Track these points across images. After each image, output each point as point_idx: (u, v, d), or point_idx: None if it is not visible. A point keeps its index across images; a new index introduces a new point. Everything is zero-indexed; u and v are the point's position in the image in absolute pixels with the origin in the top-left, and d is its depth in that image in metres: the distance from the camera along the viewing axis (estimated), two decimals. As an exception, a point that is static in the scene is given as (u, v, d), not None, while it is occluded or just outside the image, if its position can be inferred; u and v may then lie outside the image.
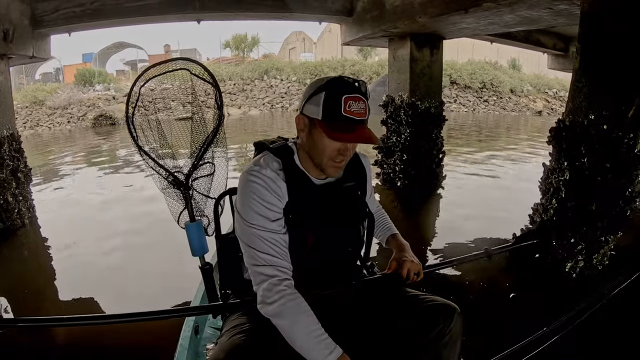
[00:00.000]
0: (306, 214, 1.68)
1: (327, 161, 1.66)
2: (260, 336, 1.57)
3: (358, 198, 1.86)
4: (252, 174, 1.67)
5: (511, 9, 4.42)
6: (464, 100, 28.56)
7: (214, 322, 2.53)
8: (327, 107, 1.58)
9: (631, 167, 3.69)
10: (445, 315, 1.68)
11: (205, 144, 2.47)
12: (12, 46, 5.77)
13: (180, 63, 2.50)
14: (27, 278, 4.73)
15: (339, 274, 1.85)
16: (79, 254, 5.23)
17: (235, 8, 6.63)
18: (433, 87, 7.26)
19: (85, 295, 4.19)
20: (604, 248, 4.01)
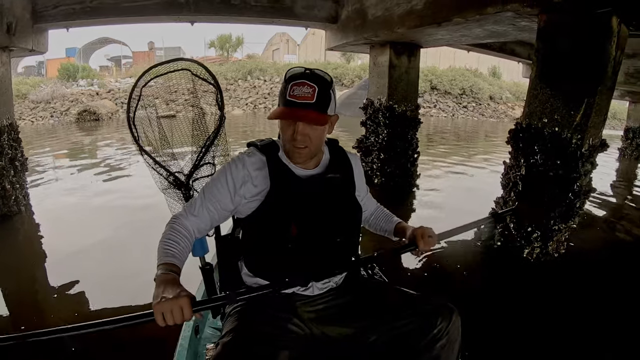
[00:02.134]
0: (288, 203, 1.73)
1: (290, 146, 1.74)
2: (261, 337, 1.60)
3: (341, 188, 1.88)
4: (234, 160, 1.81)
5: (479, 24, 4.85)
6: (444, 106, 28.94)
7: (214, 322, 2.50)
8: (281, 95, 1.71)
9: (579, 163, 4.15)
10: (444, 315, 1.69)
11: (206, 144, 2.50)
12: (14, 39, 5.97)
13: (182, 63, 2.53)
14: (23, 260, 4.94)
15: (330, 264, 1.82)
16: (70, 242, 5.34)
17: (227, 12, 6.95)
18: (410, 91, 7.63)
19: (74, 278, 4.29)
20: (557, 236, 4.48)
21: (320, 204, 1.78)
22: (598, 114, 4.14)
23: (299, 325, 1.77)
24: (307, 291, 1.85)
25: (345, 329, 1.79)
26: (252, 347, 1.54)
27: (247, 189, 1.75)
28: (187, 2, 6.70)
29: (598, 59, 3.94)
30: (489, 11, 4.32)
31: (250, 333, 1.60)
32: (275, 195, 1.73)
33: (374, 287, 1.95)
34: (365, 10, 6.67)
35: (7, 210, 6.07)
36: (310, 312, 1.83)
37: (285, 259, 1.75)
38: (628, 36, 4.28)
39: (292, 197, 1.74)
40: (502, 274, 4.56)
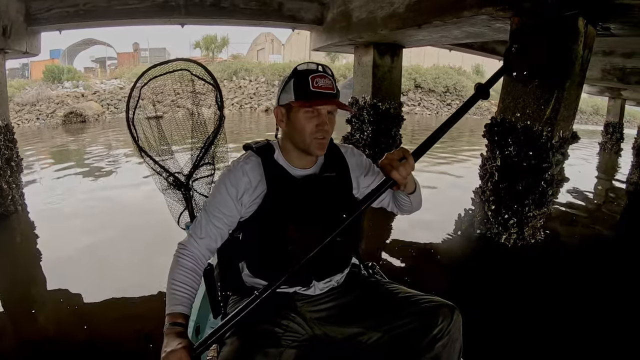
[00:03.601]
0: (285, 205, 1.74)
1: (310, 140, 1.71)
2: (265, 335, 1.61)
3: (338, 187, 1.86)
4: (229, 170, 1.80)
5: (457, 26, 5.15)
6: (428, 104, 29.19)
7: (215, 322, 2.40)
8: (298, 88, 1.67)
9: (549, 154, 4.46)
10: (444, 314, 1.67)
11: (205, 144, 2.50)
12: (9, 42, 6.11)
13: (181, 64, 2.53)
14: (20, 257, 5.07)
15: (330, 264, 1.86)
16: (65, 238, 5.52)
17: (217, 15, 7.19)
18: (393, 90, 7.96)
19: (69, 274, 4.43)
20: (532, 222, 4.78)
21: (318, 204, 1.78)
22: (567, 108, 4.44)
23: (302, 324, 1.77)
24: (309, 291, 1.86)
25: (346, 329, 1.79)
26: (257, 346, 1.54)
27: (248, 196, 1.75)
28: (178, 5, 6.90)
29: (565, 57, 4.24)
30: (465, 14, 4.62)
31: (255, 332, 1.60)
32: (272, 197, 1.74)
33: (374, 286, 1.91)
34: (350, 13, 6.95)
35: (4, 210, 6.18)
36: (313, 311, 1.83)
37: (284, 260, 1.68)
38: (596, 36, 4.58)
39: (289, 198, 1.75)
40: (489, 263, 4.79)
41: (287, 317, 1.74)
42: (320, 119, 1.69)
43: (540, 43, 4.36)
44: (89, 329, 3.32)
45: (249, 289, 1.84)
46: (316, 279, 1.83)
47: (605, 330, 3.49)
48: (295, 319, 1.76)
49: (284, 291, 1.82)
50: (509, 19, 4.54)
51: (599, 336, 3.40)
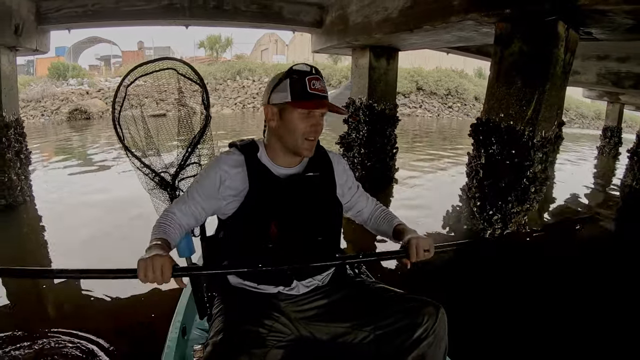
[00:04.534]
0: (267, 203, 1.75)
1: (302, 141, 1.74)
2: (251, 335, 1.60)
3: (321, 187, 1.88)
4: (213, 161, 1.86)
5: (446, 30, 5.37)
6: (429, 106, 29.27)
7: (201, 323, 2.46)
8: (295, 89, 1.69)
9: (531, 153, 4.68)
10: (430, 314, 1.69)
11: (191, 144, 2.48)
12: (21, 40, 6.37)
13: (168, 63, 2.53)
14: (28, 245, 5.36)
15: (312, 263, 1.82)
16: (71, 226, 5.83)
17: (220, 17, 7.43)
18: (388, 91, 8.17)
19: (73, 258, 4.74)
20: (515, 217, 4.98)
21: (300, 203, 1.80)
22: (549, 109, 4.65)
23: (287, 324, 1.77)
24: (293, 290, 1.85)
25: (331, 328, 1.80)
26: (242, 346, 1.54)
27: (226, 188, 1.77)
28: (182, 8, 7.13)
29: (546, 60, 4.45)
30: (452, 20, 4.84)
31: (240, 332, 1.60)
32: (254, 195, 1.75)
33: (359, 285, 1.93)
34: (347, 17, 7.19)
35: (13, 200, 6.44)
36: (297, 311, 1.83)
37: (266, 258, 1.70)
38: (579, 40, 4.80)
39: (271, 197, 1.76)
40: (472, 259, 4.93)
41: (272, 317, 1.74)
42: (314, 120, 1.75)
43: (522, 47, 4.57)
44: (90, 312, 3.43)
45: (234, 289, 1.88)
46: (297, 279, 1.84)
47: (587, 327, 3.56)
48: (280, 319, 1.76)
49: (267, 292, 1.84)
50: (494, 24, 4.75)
51: (581, 333, 3.48)
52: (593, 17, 4.15)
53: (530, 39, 4.51)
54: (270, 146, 1.84)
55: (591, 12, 4.02)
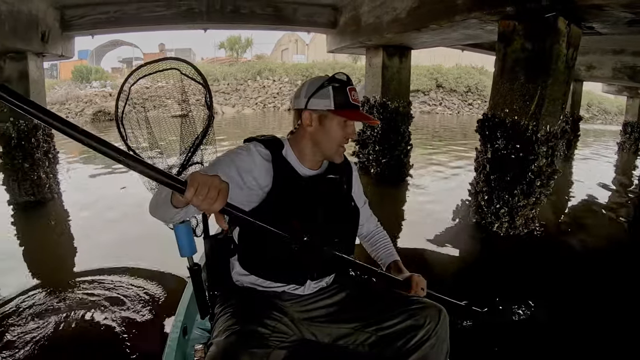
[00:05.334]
0: (291, 200, 1.73)
1: (338, 147, 1.77)
2: (254, 335, 1.59)
3: (341, 190, 1.90)
4: (240, 147, 1.77)
5: (452, 29, 5.53)
6: (449, 104, 29.10)
7: (202, 323, 2.45)
8: (338, 98, 1.71)
9: (535, 147, 4.78)
10: (432, 315, 1.70)
11: (194, 144, 2.45)
12: (47, 46, 6.75)
13: (171, 63, 2.52)
14: (56, 239, 5.67)
15: (326, 264, 1.85)
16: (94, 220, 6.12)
17: (237, 20, 7.70)
18: (401, 89, 8.32)
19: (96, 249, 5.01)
20: (522, 211, 5.06)
21: (321, 204, 1.79)
22: (552, 104, 4.76)
23: (289, 325, 1.77)
24: (298, 290, 1.86)
25: (334, 329, 1.81)
26: (245, 346, 1.52)
27: (250, 178, 1.70)
28: (200, 12, 7.41)
29: (548, 56, 4.56)
30: (457, 19, 4.99)
31: (243, 332, 1.58)
32: (278, 192, 1.72)
33: (362, 287, 1.94)
34: (359, 18, 7.38)
35: (42, 197, 6.86)
36: (301, 312, 1.84)
37: (284, 256, 1.74)
38: (582, 34, 4.88)
39: (295, 195, 1.74)
40: (479, 251, 5.09)
41: (274, 317, 1.73)
42: (351, 129, 1.79)
43: (524, 43, 4.69)
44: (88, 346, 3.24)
45: (236, 288, 1.88)
46: (311, 279, 1.84)
47: (592, 325, 3.43)
48: (283, 320, 1.75)
49: (271, 291, 1.84)
50: (497, 22, 4.88)
51: (585, 331, 3.36)
52: (591, 12, 4.24)
53: (532, 36, 4.62)
54: (299, 147, 1.82)
55: (588, 7, 4.11)
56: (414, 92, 27.65)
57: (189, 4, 7.38)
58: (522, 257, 4.82)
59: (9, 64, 6.54)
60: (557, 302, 3.84)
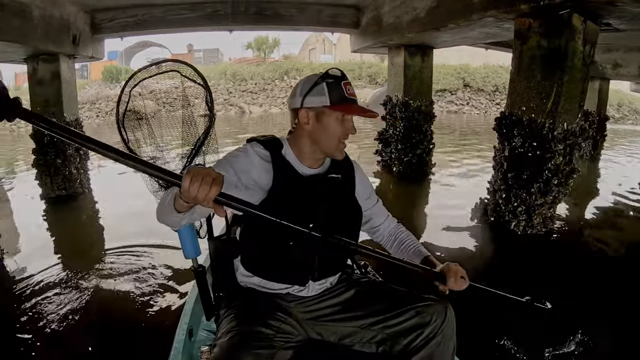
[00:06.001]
0: (291, 200, 1.72)
1: (338, 143, 1.75)
2: (258, 337, 1.58)
3: (342, 189, 1.89)
4: (238, 149, 1.78)
5: (470, 28, 5.59)
6: (476, 103, 28.63)
7: (207, 324, 2.42)
8: (334, 94, 1.70)
9: (551, 144, 4.78)
10: (438, 313, 1.69)
11: (196, 145, 2.42)
12: (78, 49, 7.10)
13: (171, 65, 2.50)
14: (86, 230, 6.04)
15: (329, 264, 1.85)
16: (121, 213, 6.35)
17: (261, 22, 7.91)
18: (423, 88, 8.37)
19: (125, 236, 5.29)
20: (539, 210, 5.06)
21: (323, 203, 1.78)
22: (569, 101, 4.75)
23: (294, 325, 1.77)
24: (303, 291, 1.85)
25: (340, 328, 1.81)
26: (250, 347, 1.52)
27: (249, 178, 1.71)
28: (225, 14, 7.64)
29: (564, 53, 4.57)
30: (474, 17, 5.04)
31: (248, 333, 1.58)
32: (279, 192, 1.72)
33: (368, 286, 1.92)
34: (380, 18, 7.48)
35: (73, 191, 7.29)
36: (305, 312, 1.83)
37: (285, 256, 1.75)
38: (600, 31, 4.88)
39: (295, 195, 1.74)
40: (496, 249, 5.12)
41: (279, 318, 1.72)
42: (349, 124, 1.76)
43: (540, 41, 4.71)
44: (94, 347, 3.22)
45: (241, 290, 1.87)
46: (312, 279, 1.83)
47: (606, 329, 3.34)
48: (287, 320, 1.75)
49: (276, 292, 1.83)
50: (513, 20, 4.91)
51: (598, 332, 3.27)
52: (605, 7, 4.25)
53: (547, 33, 4.63)
54: (298, 146, 1.81)
55: (601, 3, 4.12)
56: (441, 92, 27.50)
57: (214, 6, 7.60)
58: (537, 257, 4.81)
59: (42, 65, 6.90)
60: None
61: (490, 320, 3.30)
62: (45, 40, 6.13)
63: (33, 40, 5.84)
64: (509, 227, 5.26)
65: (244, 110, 27.02)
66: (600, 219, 6.47)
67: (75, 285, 4.13)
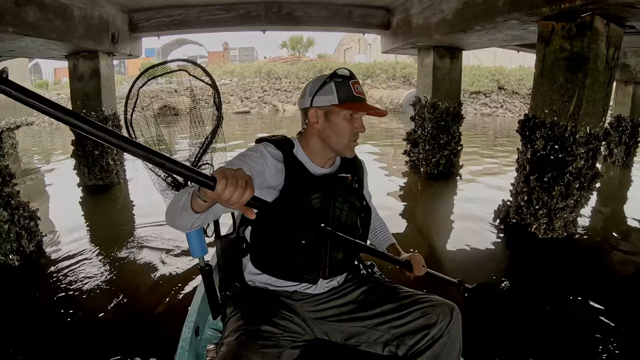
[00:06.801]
0: (303, 199, 1.75)
1: (348, 142, 1.78)
2: (265, 336, 1.59)
3: (353, 188, 1.91)
4: (251, 149, 1.78)
5: (496, 30, 5.62)
6: (511, 106, 28.08)
7: (214, 323, 2.44)
8: (342, 93, 1.73)
9: (573, 148, 4.77)
10: (444, 314, 1.70)
11: (204, 145, 2.41)
12: (117, 47, 7.44)
13: (179, 64, 2.50)
14: (122, 218, 6.37)
15: (338, 263, 1.88)
16: None
17: (293, 22, 8.07)
18: (452, 90, 8.40)
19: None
20: (560, 213, 5.04)
21: (334, 202, 1.81)
22: (592, 105, 4.74)
23: (301, 324, 1.79)
24: (310, 289, 1.88)
25: (346, 328, 1.83)
26: (257, 346, 1.53)
27: (263, 179, 1.71)
28: (258, 15, 7.86)
29: (586, 56, 4.56)
30: (498, 20, 5.09)
31: (254, 332, 1.59)
32: (291, 191, 1.74)
33: (374, 286, 1.94)
34: (409, 19, 7.57)
35: (109, 181, 7.76)
36: (312, 311, 1.86)
37: (297, 254, 1.77)
38: (624, 34, 4.86)
39: (307, 193, 1.76)
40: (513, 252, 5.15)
41: (286, 317, 1.74)
42: (358, 122, 1.79)
43: (563, 44, 4.72)
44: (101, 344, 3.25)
45: (250, 288, 1.90)
46: (323, 277, 1.85)
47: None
48: (294, 319, 1.77)
49: (283, 290, 1.86)
50: (537, 22, 4.92)
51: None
52: (626, 10, 4.22)
53: (569, 36, 4.63)
54: (308, 146, 1.84)
55: (622, 6, 4.10)
56: (475, 94, 27.22)
57: (247, 7, 7.82)
58: (554, 261, 4.79)
59: (82, 62, 7.31)
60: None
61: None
62: (86, 38, 6.43)
63: (74, 39, 6.13)
64: (529, 230, 5.26)
65: (277, 109, 27.29)
66: (629, 228, 6.25)
67: (95, 272, 4.42)
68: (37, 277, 4.35)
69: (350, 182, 1.90)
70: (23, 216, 4.76)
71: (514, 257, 5.04)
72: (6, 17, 4.56)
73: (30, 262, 4.62)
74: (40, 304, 3.86)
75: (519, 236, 5.33)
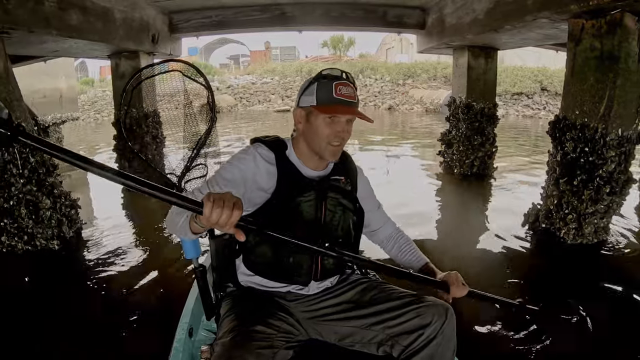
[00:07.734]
0: (294, 201, 1.76)
1: (326, 145, 1.75)
2: (259, 336, 1.59)
3: (345, 191, 1.91)
4: (243, 152, 1.80)
5: (527, 29, 5.55)
6: (554, 108, 27.40)
7: (208, 324, 2.44)
8: (321, 94, 1.72)
9: (604, 151, 4.63)
10: (439, 314, 1.69)
11: (197, 145, 2.29)
12: (157, 47, 7.73)
13: (173, 65, 2.21)
14: (154, 210, 6.34)
15: (330, 264, 1.89)
16: None
17: (328, 22, 8.20)
18: (487, 91, 8.30)
19: None
20: (589, 219, 4.87)
21: (326, 204, 1.82)
22: (624, 106, 4.58)
23: (295, 325, 1.79)
24: (303, 290, 1.89)
25: (340, 328, 1.82)
26: (251, 347, 1.53)
27: (254, 182, 1.75)
28: (293, 16, 8.02)
29: (616, 55, 4.44)
30: (527, 19, 5.02)
31: (248, 333, 1.59)
32: (282, 193, 1.75)
33: (368, 286, 1.93)
34: (443, 19, 7.57)
35: (149, 176, 7.73)
36: (306, 312, 1.86)
37: (287, 257, 1.78)
38: None
39: (298, 196, 1.76)
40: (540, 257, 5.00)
41: (280, 317, 1.74)
42: (339, 127, 1.75)
43: (593, 43, 4.61)
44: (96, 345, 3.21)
45: (243, 289, 1.90)
46: (314, 279, 1.86)
47: None
48: (288, 320, 1.77)
49: (277, 291, 1.88)
50: (567, 21, 4.83)
51: None
52: None
53: (599, 34, 4.53)
54: (298, 147, 1.85)
55: None
56: (517, 95, 26.71)
57: (282, 8, 7.99)
58: (579, 267, 4.64)
59: (124, 61, 7.61)
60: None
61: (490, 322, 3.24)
62: (126, 39, 6.71)
63: (115, 40, 6.40)
64: (558, 235, 5.14)
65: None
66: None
67: (125, 262, 4.61)
68: (74, 261, 4.71)
69: (343, 184, 1.91)
70: (64, 204, 5.06)
71: (537, 261, 4.93)
72: (51, 21, 4.78)
73: (69, 247, 4.95)
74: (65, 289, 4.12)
75: (546, 240, 5.22)
